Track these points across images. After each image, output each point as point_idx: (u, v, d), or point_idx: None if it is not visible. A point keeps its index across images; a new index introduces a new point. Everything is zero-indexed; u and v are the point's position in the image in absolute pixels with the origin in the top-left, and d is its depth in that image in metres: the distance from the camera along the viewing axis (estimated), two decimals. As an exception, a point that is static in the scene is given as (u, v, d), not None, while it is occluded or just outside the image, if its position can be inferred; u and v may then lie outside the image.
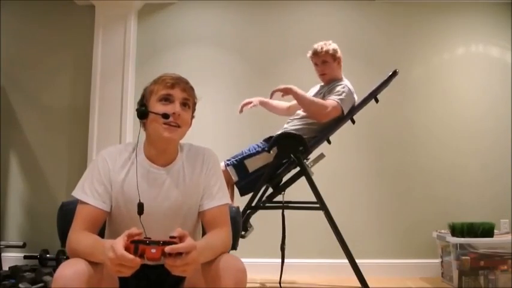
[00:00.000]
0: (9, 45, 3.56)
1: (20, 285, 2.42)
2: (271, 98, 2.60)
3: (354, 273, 2.40)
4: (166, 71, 1.48)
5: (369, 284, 2.31)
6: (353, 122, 2.60)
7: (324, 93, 2.61)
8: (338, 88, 2.55)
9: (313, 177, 2.50)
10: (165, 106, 1.36)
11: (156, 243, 1.07)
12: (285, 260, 2.59)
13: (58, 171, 3.45)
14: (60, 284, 1.13)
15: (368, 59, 3.46)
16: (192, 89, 1.44)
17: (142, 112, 1.37)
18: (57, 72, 3.54)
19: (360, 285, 2.37)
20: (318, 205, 2.42)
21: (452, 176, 3.34)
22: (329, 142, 2.61)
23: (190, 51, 3.52)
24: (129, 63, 3.42)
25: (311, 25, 3.49)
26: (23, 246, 3.11)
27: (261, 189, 2.55)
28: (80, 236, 1.28)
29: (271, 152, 2.47)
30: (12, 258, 3.19)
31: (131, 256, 1.06)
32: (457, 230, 2.89)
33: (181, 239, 1.12)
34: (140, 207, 1.33)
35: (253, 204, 2.50)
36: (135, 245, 1.07)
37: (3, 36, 3.55)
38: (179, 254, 1.08)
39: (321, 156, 2.59)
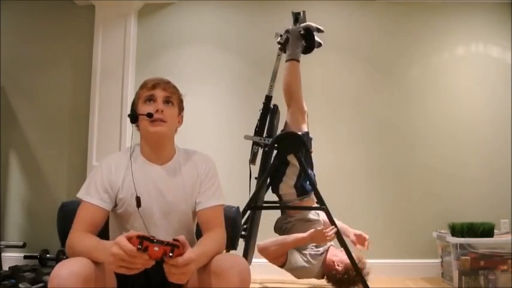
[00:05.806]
0: (9, 45, 3.56)
1: (20, 285, 2.41)
2: None
3: (354, 273, 2.40)
4: (166, 70, 1.48)
5: (369, 284, 2.31)
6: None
7: None
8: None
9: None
10: (149, 106, 1.45)
11: (161, 242, 1.10)
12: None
13: (58, 171, 3.45)
14: (55, 283, 1.13)
15: (368, 59, 3.46)
16: (174, 87, 1.51)
17: (132, 116, 1.48)
18: (57, 72, 3.54)
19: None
20: (318, 205, 2.41)
21: (453, 176, 3.33)
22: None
23: (190, 51, 3.52)
24: (129, 63, 3.42)
25: (311, 25, 3.49)
26: (23, 246, 3.11)
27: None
28: (80, 236, 1.31)
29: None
30: (12, 258, 3.19)
31: (136, 249, 1.07)
32: (457, 230, 2.89)
33: (182, 246, 1.15)
34: (138, 201, 1.40)
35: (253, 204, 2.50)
36: (140, 240, 1.08)
37: (3, 36, 3.55)
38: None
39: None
